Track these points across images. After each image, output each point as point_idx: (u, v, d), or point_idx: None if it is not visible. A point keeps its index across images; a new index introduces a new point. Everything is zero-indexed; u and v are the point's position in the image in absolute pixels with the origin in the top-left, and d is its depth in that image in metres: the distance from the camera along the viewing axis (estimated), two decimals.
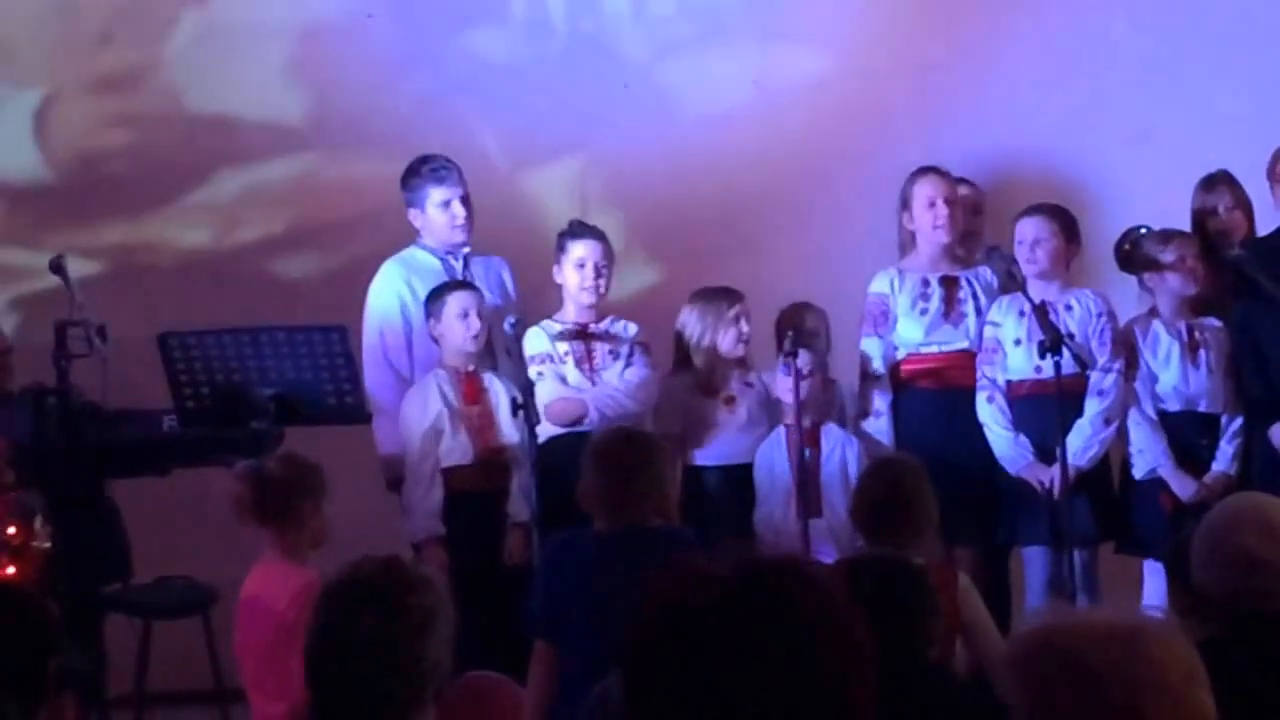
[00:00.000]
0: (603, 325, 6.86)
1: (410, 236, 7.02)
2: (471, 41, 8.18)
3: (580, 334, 6.82)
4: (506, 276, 7.07)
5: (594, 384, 6.76)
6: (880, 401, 6.88)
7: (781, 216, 7.99)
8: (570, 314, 6.87)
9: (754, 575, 2.02)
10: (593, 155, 8.17)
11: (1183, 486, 6.66)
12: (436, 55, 8.13)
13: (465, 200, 6.93)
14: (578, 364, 6.78)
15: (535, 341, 6.78)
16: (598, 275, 6.81)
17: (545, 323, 6.84)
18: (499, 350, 6.84)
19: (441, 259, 6.93)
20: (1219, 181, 7.09)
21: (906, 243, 7.02)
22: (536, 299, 7.10)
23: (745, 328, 6.84)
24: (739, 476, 6.76)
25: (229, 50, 8.10)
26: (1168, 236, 6.83)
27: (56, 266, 6.65)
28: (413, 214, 6.97)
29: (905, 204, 6.97)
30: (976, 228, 7.29)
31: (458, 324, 6.59)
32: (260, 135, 8.14)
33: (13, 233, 8.13)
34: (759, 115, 8.07)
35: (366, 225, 7.02)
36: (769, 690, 1.96)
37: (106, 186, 8.12)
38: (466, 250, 6.95)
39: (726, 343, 6.82)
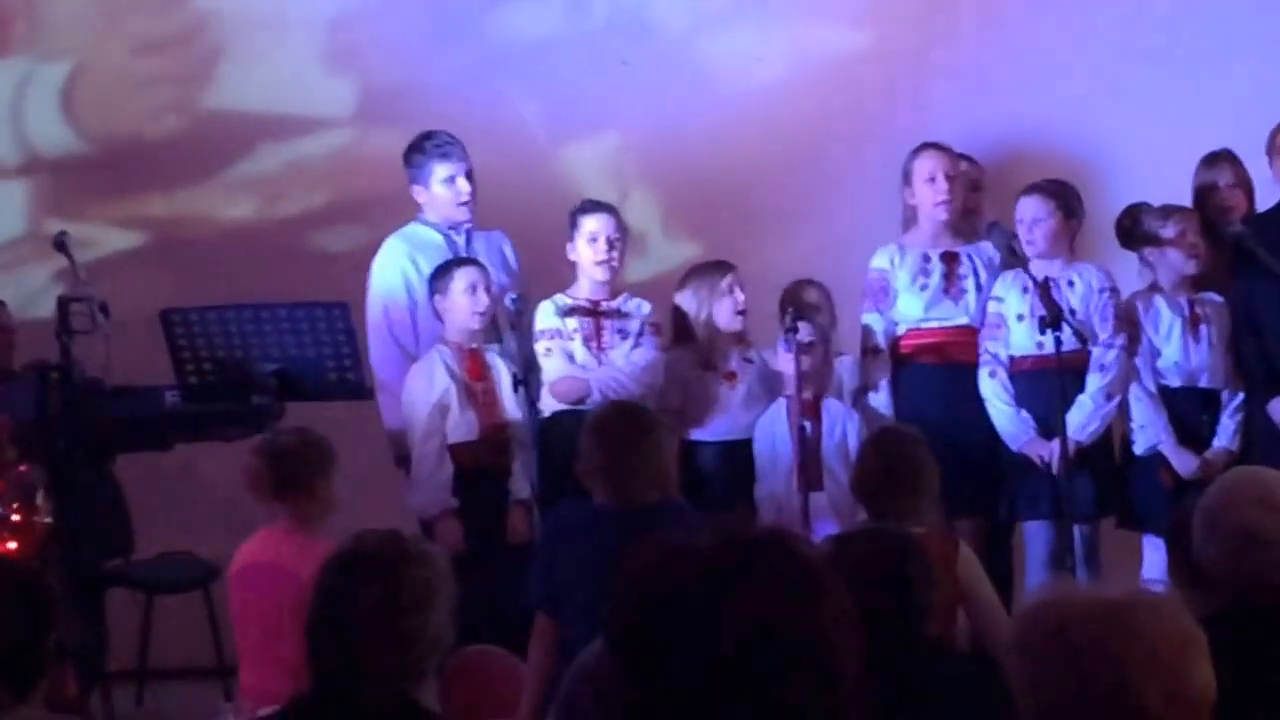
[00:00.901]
0: (615, 303, 6.82)
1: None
2: (510, 16, 8.18)
3: (590, 311, 6.80)
4: (508, 251, 7.03)
5: (600, 363, 6.74)
6: (881, 376, 6.89)
7: (817, 193, 7.96)
8: (584, 290, 6.81)
9: (736, 549, 2.01)
10: (630, 131, 8.15)
11: (1183, 462, 6.66)
12: (475, 30, 8.12)
13: (469, 176, 6.91)
14: (585, 341, 6.75)
15: (544, 316, 6.75)
16: (610, 248, 6.76)
17: (557, 297, 6.80)
18: (502, 326, 6.82)
19: (444, 234, 6.91)
20: (1220, 158, 7.09)
21: (908, 218, 7.02)
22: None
23: (740, 297, 6.81)
24: (738, 452, 6.76)
25: (270, 24, 8.10)
26: (1168, 212, 6.82)
27: (60, 243, 6.66)
28: (416, 190, 6.94)
29: (906, 179, 6.97)
30: (976, 204, 7.28)
31: (464, 300, 6.56)
32: (301, 111, 8.16)
33: (54, 206, 8.14)
34: (795, 91, 8.05)
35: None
36: (752, 662, 1.96)
37: (148, 161, 8.12)
38: (469, 226, 6.94)
39: (723, 314, 6.80)
